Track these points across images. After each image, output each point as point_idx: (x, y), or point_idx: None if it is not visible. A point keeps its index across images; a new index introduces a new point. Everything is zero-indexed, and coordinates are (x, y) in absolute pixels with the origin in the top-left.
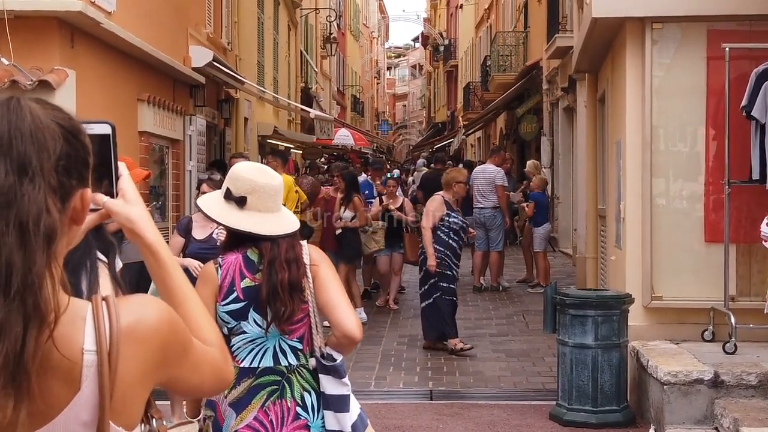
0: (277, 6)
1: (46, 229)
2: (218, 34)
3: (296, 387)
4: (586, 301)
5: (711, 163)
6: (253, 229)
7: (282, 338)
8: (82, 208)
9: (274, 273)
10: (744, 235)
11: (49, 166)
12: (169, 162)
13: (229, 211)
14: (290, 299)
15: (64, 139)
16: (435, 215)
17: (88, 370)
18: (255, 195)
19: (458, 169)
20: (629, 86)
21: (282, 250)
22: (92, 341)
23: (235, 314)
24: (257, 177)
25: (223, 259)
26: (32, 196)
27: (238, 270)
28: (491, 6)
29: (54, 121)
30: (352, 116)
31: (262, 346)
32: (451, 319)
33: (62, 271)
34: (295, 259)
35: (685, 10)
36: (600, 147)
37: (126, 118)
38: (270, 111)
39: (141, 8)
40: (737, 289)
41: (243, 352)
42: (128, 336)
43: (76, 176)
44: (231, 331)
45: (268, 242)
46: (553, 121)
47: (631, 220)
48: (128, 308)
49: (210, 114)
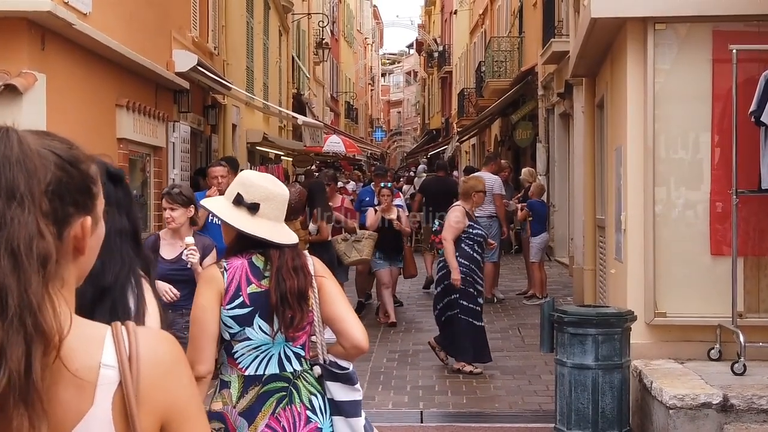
0: (267, 10)
1: (39, 251)
2: (204, 38)
3: (303, 392)
4: (586, 319)
5: (717, 172)
6: (268, 236)
7: (287, 345)
8: (83, 236)
9: (282, 280)
10: (752, 247)
11: (39, 191)
12: (151, 170)
13: (240, 216)
14: (299, 307)
15: (58, 166)
16: (457, 227)
17: (103, 386)
18: (268, 203)
19: (477, 178)
20: (630, 90)
21: (288, 258)
22: (112, 357)
23: (239, 320)
24: (270, 186)
25: (228, 263)
26: (22, 219)
27: (244, 275)
28: (486, 11)
29: (48, 150)
30: (345, 123)
31: (267, 352)
32: (466, 343)
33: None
34: (302, 267)
35: (690, 10)
36: (598, 154)
37: (103, 124)
38: (260, 117)
39: (120, 10)
40: (745, 305)
41: (247, 359)
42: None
43: (71, 203)
44: (233, 337)
45: (276, 250)
46: (549, 127)
47: (632, 232)
48: (146, 335)
49: (195, 120)
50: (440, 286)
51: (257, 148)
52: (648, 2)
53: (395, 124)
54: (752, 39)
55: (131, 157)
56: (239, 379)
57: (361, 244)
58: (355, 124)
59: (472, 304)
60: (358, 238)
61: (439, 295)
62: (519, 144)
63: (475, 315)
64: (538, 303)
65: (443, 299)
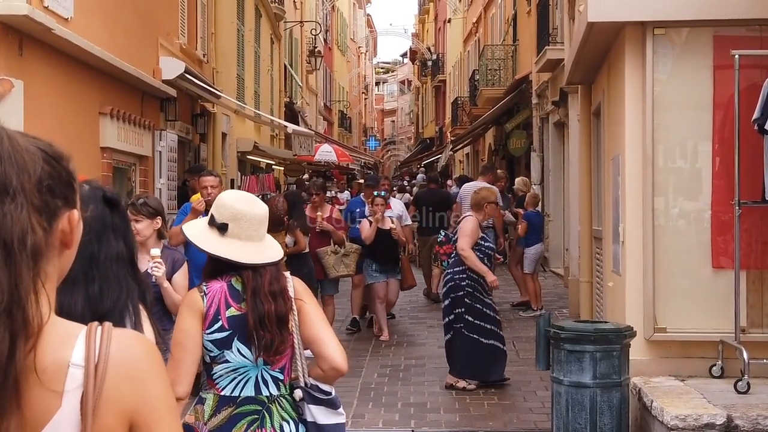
0: (258, 18)
1: (31, 246)
2: (193, 46)
3: (276, 417)
4: (583, 336)
5: (718, 182)
6: (230, 256)
7: (265, 368)
8: (71, 230)
9: (259, 303)
10: (755, 260)
11: (30, 186)
12: (137, 180)
13: (210, 237)
14: (278, 331)
15: (45, 161)
16: (473, 236)
17: (71, 385)
18: (236, 223)
19: (489, 188)
20: (628, 97)
21: (265, 280)
22: (81, 357)
23: (218, 343)
24: (239, 205)
25: (207, 286)
26: (15, 214)
27: (223, 299)
28: (479, 20)
29: (34, 146)
30: (339, 132)
31: (244, 375)
32: (464, 359)
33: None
34: (281, 291)
35: (690, 14)
36: (595, 163)
37: (86, 132)
38: (251, 126)
39: (104, 16)
40: (748, 320)
41: (224, 381)
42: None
43: (60, 197)
44: (213, 359)
45: (249, 271)
46: (543, 136)
47: (630, 244)
48: (121, 336)
49: (183, 129)
50: (447, 299)
51: (248, 157)
52: (647, 6)
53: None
54: (754, 44)
55: (116, 166)
56: (214, 398)
57: (349, 258)
58: (348, 133)
59: (477, 320)
60: (347, 252)
61: (446, 309)
62: (513, 153)
63: (483, 332)
64: (533, 315)
65: (450, 313)
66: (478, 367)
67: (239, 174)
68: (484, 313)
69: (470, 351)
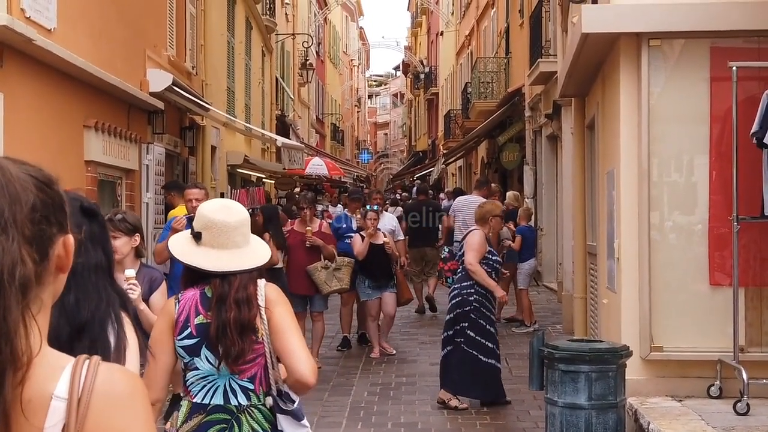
0: (249, 30)
1: (21, 279)
2: (181, 58)
3: (245, 427)
4: (578, 355)
5: (715, 197)
6: (198, 264)
7: (232, 378)
8: (66, 255)
9: (223, 311)
10: (753, 277)
11: (22, 217)
12: (123, 194)
13: (187, 247)
14: (240, 339)
15: (38, 188)
16: (481, 250)
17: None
18: (208, 231)
19: (493, 202)
20: (624, 110)
21: (233, 288)
22: (65, 390)
23: (188, 350)
24: (213, 213)
25: (182, 294)
26: (6, 247)
27: (194, 306)
28: (472, 32)
29: (26, 173)
30: (331, 145)
31: (213, 383)
32: (463, 377)
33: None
34: (246, 299)
35: (686, 25)
36: (588, 177)
37: (70, 146)
38: (241, 139)
39: (89, 27)
40: (746, 339)
41: (196, 387)
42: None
43: (55, 224)
44: (186, 366)
45: (217, 279)
46: (536, 149)
47: (626, 260)
48: (107, 370)
49: (171, 142)
50: (451, 314)
51: (238, 170)
52: (642, 17)
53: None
54: (752, 56)
55: (101, 180)
56: (188, 405)
57: (341, 272)
58: (341, 146)
59: (480, 336)
60: (338, 266)
61: (448, 323)
62: (506, 166)
63: (483, 350)
64: (526, 331)
65: (452, 327)
66: (472, 386)
67: (229, 188)
68: (487, 330)
69: (468, 368)
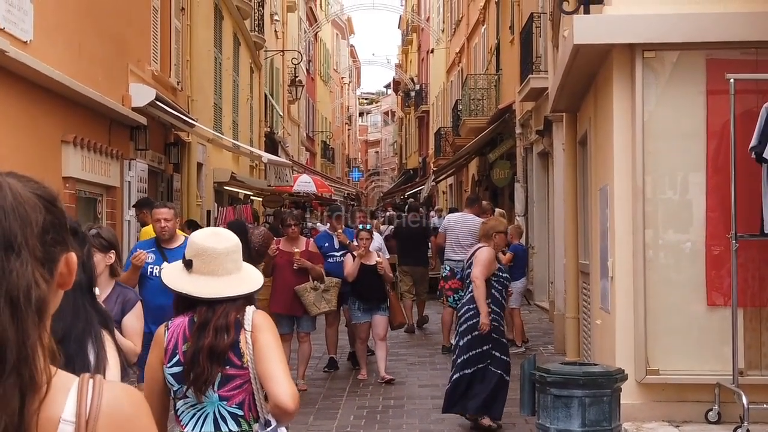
0: (237, 46)
1: (37, 302)
2: (166, 73)
3: None
4: (571, 379)
5: (712, 214)
6: (186, 290)
7: (221, 404)
8: (69, 272)
9: (201, 337)
10: (752, 297)
11: (33, 239)
12: (103, 211)
13: (179, 274)
14: (209, 365)
15: (45, 209)
16: (491, 266)
17: None
18: (199, 258)
19: (497, 218)
20: (617, 125)
21: (215, 315)
22: (72, 413)
23: (177, 377)
24: (203, 241)
25: (172, 321)
26: (20, 271)
27: (182, 333)
28: (462, 49)
29: (32, 193)
30: (322, 162)
31: (202, 411)
32: (491, 395)
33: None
34: (225, 326)
35: (681, 36)
36: (581, 194)
37: (47, 161)
38: (229, 156)
39: (67, 39)
40: (745, 361)
41: (186, 417)
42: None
43: (59, 242)
44: (175, 394)
45: (203, 306)
46: (527, 166)
47: (620, 279)
48: (112, 390)
49: (155, 158)
50: (468, 336)
51: (225, 187)
52: (635, 28)
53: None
54: (749, 68)
55: (80, 196)
56: None
57: (329, 293)
58: (331, 164)
59: (504, 355)
60: (327, 287)
61: (466, 346)
62: (497, 184)
63: (507, 368)
64: (517, 351)
65: (473, 350)
66: (495, 404)
67: (216, 205)
68: (507, 347)
69: (494, 387)
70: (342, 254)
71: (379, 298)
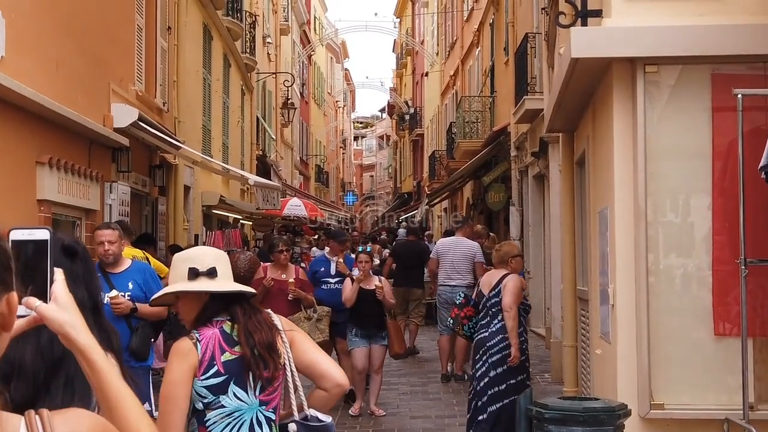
0: (227, 68)
1: None
2: (151, 93)
3: None
4: (570, 416)
5: (719, 237)
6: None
7: (260, 410)
8: (9, 313)
9: (249, 335)
10: (762, 326)
11: None
12: (83, 235)
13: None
14: (271, 358)
15: None
16: (521, 295)
17: None
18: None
19: (511, 243)
20: (617, 144)
21: (250, 312)
22: None
23: (214, 389)
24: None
25: (199, 333)
26: None
27: (217, 344)
28: (457, 72)
29: None
30: (316, 186)
31: (239, 419)
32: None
33: None
34: (264, 320)
35: (685, 50)
36: (578, 217)
37: (20, 183)
38: (218, 179)
39: (42, 56)
40: (755, 395)
41: (218, 427)
42: None
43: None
44: (207, 405)
45: (238, 306)
46: (523, 189)
47: (621, 307)
48: (64, 421)
49: (139, 181)
50: (503, 366)
51: (214, 211)
52: (636, 40)
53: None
54: (757, 83)
55: (56, 219)
56: None
57: (322, 323)
58: (325, 188)
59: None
60: (320, 316)
61: (499, 377)
62: (492, 207)
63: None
64: None
65: (506, 380)
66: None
67: (204, 229)
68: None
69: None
70: (337, 281)
71: (377, 326)
